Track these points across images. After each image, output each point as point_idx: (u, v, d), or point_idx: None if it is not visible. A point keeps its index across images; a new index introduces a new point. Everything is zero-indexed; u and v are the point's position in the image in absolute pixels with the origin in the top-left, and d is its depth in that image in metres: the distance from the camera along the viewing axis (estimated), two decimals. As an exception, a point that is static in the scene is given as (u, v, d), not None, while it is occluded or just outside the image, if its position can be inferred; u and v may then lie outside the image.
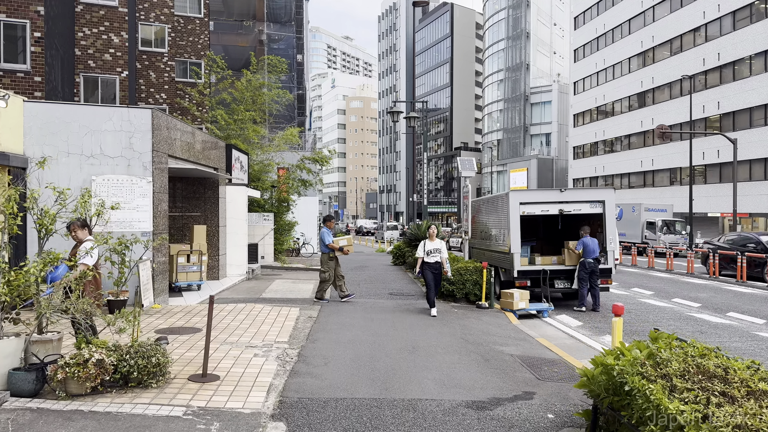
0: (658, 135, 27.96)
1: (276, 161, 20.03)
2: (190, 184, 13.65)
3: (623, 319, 10.83)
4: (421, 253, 10.05)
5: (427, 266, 9.96)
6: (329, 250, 10.93)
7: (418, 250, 10.14)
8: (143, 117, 9.68)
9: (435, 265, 9.98)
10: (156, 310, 9.43)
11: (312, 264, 19.89)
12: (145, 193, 9.70)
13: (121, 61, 15.62)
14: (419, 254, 10.10)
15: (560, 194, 11.56)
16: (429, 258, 9.95)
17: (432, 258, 9.95)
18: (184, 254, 11.90)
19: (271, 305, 10.27)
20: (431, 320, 9.22)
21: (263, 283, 13.93)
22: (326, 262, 10.99)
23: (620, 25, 50.22)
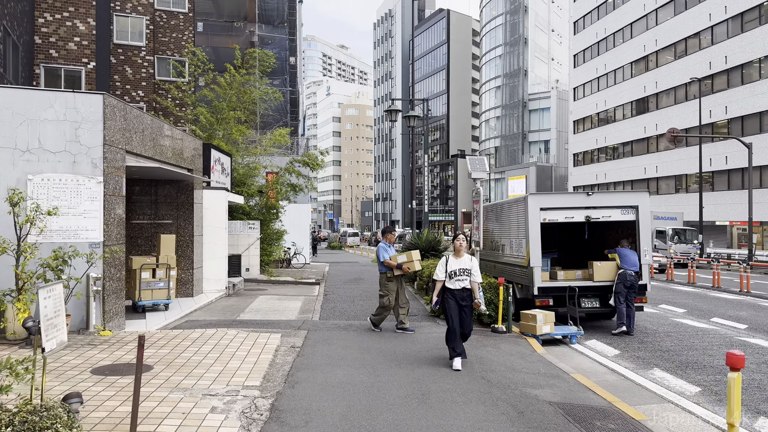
0: (669, 139, 26.50)
1: (263, 164, 18.37)
2: (160, 188, 11.98)
3: (668, 346, 9.27)
4: (442, 274, 7.04)
5: (450, 295, 6.96)
6: (385, 269, 8.95)
7: (437, 270, 7.14)
8: (92, 104, 8.02)
9: (462, 293, 6.96)
10: (104, 338, 7.72)
11: (302, 276, 18.20)
12: (94, 195, 8.01)
13: (87, 51, 13.98)
14: (438, 276, 7.09)
15: (587, 198, 9.95)
16: (453, 283, 6.95)
17: (458, 283, 6.95)
18: (148, 268, 10.21)
19: (247, 330, 8.57)
20: (441, 351, 7.55)
21: (244, 301, 12.22)
22: (384, 283, 8.97)
23: (622, 29, 48.99)
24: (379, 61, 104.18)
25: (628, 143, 48.05)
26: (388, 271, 8.89)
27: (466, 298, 6.95)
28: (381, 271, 9.07)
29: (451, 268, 6.97)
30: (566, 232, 11.72)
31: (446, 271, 6.99)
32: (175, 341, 7.62)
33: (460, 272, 6.95)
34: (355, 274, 20.52)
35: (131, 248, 11.72)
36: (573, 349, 8.69)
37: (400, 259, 8.91)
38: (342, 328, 9.10)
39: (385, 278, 8.96)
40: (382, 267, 9.00)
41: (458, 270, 6.95)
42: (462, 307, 6.94)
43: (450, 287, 6.97)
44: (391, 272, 8.88)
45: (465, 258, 7.07)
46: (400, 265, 8.83)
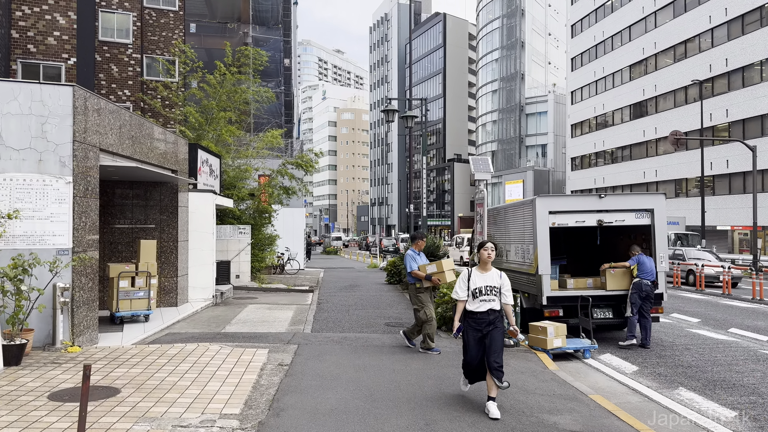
0: (672, 142, 25.88)
1: (255, 167, 17.63)
2: (142, 190, 11.24)
3: (689, 361, 8.49)
4: (463, 292, 5.49)
5: (472, 319, 5.43)
6: (414, 279, 8.00)
7: (458, 288, 5.57)
8: (61, 97, 7.30)
9: (487, 316, 5.37)
10: (71, 355, 6.97)
11: (296, 283, 17.46)
12: (62, 197, 7.28)
13: (68, 46, 13.24)
14: (459, 295, 5.53)
15: (599, 201, 9.27)
16: (477, 303, 5.40)
17: (483, 304, 5.38)
18: (127, 276, 9.47)
19: (232, 345, 7.84)
20: (446, 369, 6.83)
21: (231, 311, 11.48)
22: (415, 296, 8.00)
23: (620, 32, 48.55)
24: (375, 65, 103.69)
25: (627, 147, 47.53)
26: (417, 282, 7.96)
27: (493, 320, 5.39)
28: (410, 282, 8.13)
29: (476, 285, 5.41)
30: (575, 237, 11.03)
31: (468, 289, 5.45)
32: (151, 358, 6.88)
33: (487, 290, 5.39)
34: (350, 281, 19.80)
35: (111, 255, 10.99)
36: (587, 364, 7.98)
37: (430, 269, 7.93)
38: (335, 341, 8.37)
39: (415, 290, 8.00)
40: (410, 278, 8.07)
41: (484, 288, 5.40)
42: (486, 334, 5.37)
43: (472, 309, 5.42)
44: (420, 283, 7.95)
45: (493, 273, 5.49)
46: (429, 276, 7.84)
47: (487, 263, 5.50)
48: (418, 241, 8.33)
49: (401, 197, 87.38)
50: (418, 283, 7.95)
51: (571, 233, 10.71)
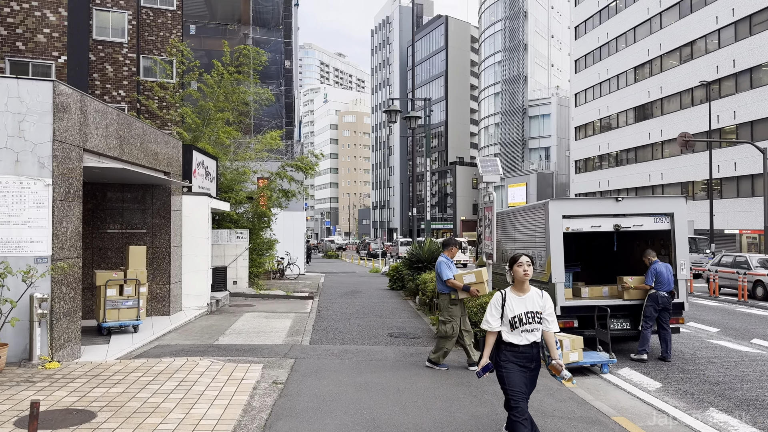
0: (681, 143, 25.31)
1: (253, 169, 17.10)
2: (133, 193, 10.72)
3: (716, 377, 7.84)
4: (496, 321, 4.28)
5: (513, 353, 4.24)
6: (448, 289, 7.32)
7: (488, 315, 4.33)
8: (40, 93, 6.78)
9: (531, 351, 4.26)
10: (49, 372, 6.43)
11: (295, 290, 16.92)
12: (40, 201, 6.75)
13: (58, 44, 12.75)
14: (491, 324, 4.29)
15: (616, 204, 8.72)
16: (517, 335, 4.23)
17: (525, 335, 4.23)
18: (115, 285, 8.93)
19: (224, 360, 7.29)
20: (455, 389, 6.28)
21: (226, 320, 10.93)
22: (446, 307, 7.33)
23: (624, 34, 48.04)
24: (377, 68, 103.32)
25: (631, 149, 46.96)
26: (452, 292, 7.30)
27: (535, 357, 4.26)
28: (442, 291, 7.41)
29: (513, 313, 4.17)
30: (587, 242, 10.48)
31: (503, 317, 4.22)
32: (134, 375, 6.33)
33: (529, 318, 4.16)
34: (351, 286, 19.26)
35: (101, 261, 10.47)
36: (606, 380, 7.42)
37: (467, 279, 7.20)
38: (335, 355, 7.82)
39: (448, 301, 7.33)
40: (443, 287, 7.37)
41: (525, 314, 4.16)
42: (527, 371, 4.26)
43: (511, 341, 4.20)
44: (455, 293, 7.28)
45: (532, 294, 4.26)
46: (467, 286, 7.14)
47: (524, 282, 4.24)
48: (451, 247, 7.64)
49: (403, 200, 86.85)
50: (453, 294, 7.29)
51: (583, 238, 10.17)
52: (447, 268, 7.34)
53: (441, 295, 7.51)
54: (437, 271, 7.45)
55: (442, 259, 7.49)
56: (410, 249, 16.08)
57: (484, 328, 4.33)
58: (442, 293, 7.46)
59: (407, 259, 16.07)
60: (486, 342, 4.34)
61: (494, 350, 4.32)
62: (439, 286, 7.51)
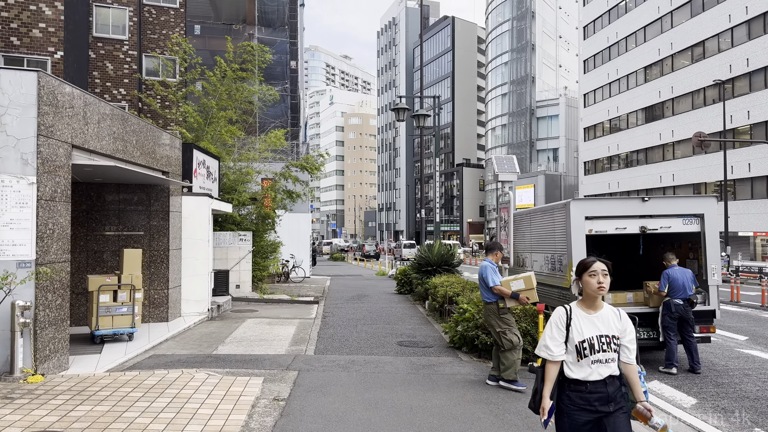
0: (696, 143, 24.64)
1: (257, 170, 16.60)
2: (130, 193, 10.23)
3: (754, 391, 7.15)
4: (558, 347, 3.16)
5: (578, 394, 3.12)
6: (495, 297, 6.64)
7: (548, 338, 3.20)
8: (24, 84, 6.29)
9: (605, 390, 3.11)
10: (31, 387, 5.92)
11: (300, 294, 16.39)
12: (23, 201, 6.26)
13: (54, 39, 12.30)
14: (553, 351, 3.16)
15: (642, 205, 8.15)
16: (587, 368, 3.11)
17: (596, 368, 3.10)
18: (108, 290, 8.43)
19: (222, 372, 6.77)
20: (474, 407, 5.72)
21: (227, 327, 10.41)
22: (496, 317, 6.61)
23: (634, 33, 47.34)
24: (383, 70, 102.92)
25: (642, 150, 46.22)
26: (500, 300, 6.63)
27: (614, 395, 3.11)
28: (488, 300, 6.71)
29: (582, 336, 3.12)
30: (608, 245, 9.89)
31: (568, 342, 3.15)
32: (124, 390, 5.81)
33: (603, 344, 3.09)
34: (358, 290, 18.72)
35: (96, 265, 9.99)
36: (635, 395, 6.83)
37: (516, 285, 6.57)
38: (342, 366, 7.27)
39: (497, 310, 6.63)
40: (489, 295, 6.67)
41: (597, 340, 3.10)
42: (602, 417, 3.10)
43: (576, 377, 3.12)
44: (503, 301, 6.61)
45: (606, 312, 3.18)
46: (516, 294, 6.51)
47: (596, 298, 3.13)
48: (496, 251, 6.97)
49: (409, 202, 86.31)
50: (501, 302, 6.61)
51: (604, 240, 9.59)
52: (494, 273, 6.65)
53: (487, 305, 6.74)
54: (482, 277, 6.73)
55: (486, 263, 6.79)
56: (418, 252, 15.52)
57: (542, 355, 3.16)
58: (488, 302, 6.72)
59: (415, 263, 15.52)
60: (546, 375, 3.16)
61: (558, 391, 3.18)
62: (484, 295, 6.76)
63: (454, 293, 10.67)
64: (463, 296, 9.83)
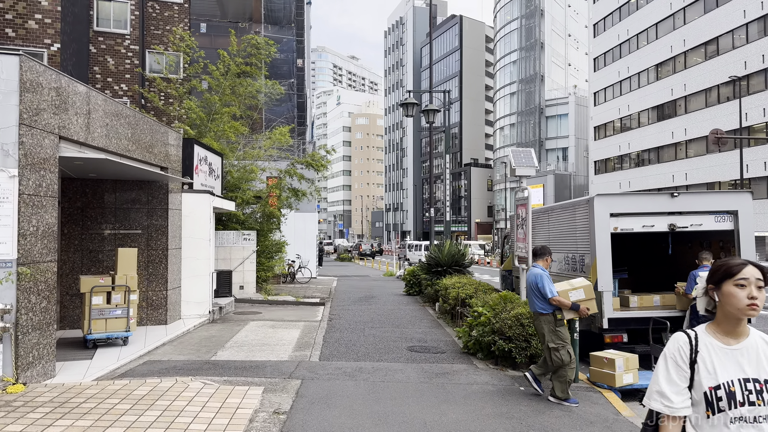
0: (713, 141, 24.01)
1: (261, 167, 16.11)
2: (126, 190, 9.77)
3: None
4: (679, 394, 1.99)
5: None
6: (552, 308, 6.01)
7: (662, 379, 2.02)
8: (4, 69, 5.82)
9: None
10: (10, 397, 5.44)
11: (305, 295, 15.90)
12: (4, 195, 5.78)
13: (51, 31, 11.87)
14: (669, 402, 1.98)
15: (671, 201, 7.59)
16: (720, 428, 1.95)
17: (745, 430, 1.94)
18: (102, 292, 7.96)
19: (219, 380, 6.27)
20: (494, 422, 5.18)
21: (229, 330, 9.92)
22: (551, 330, 5.98)
23: (646, 30, 46.56)
24: (390, 69, 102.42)
25: (654, 149, 45.46)
26: (557, 310, 6.00)
27: None
28: (542, 311, 6.04)
29: (716, 380, 1.99)
30: (632, 244, 9.32)
31: (693, 386, 2.01)
32: (110, 402, 5.32)
33: (749, 392, 1.96)
34: (365, 291, 18.21)
35: (91, 265, 9.53)
36: (667, 407, 6.27)
37: (575, 295, 5.99)
38: (348, 375, 6.75)
39: (553, 322, 5.98)
40: (544, 305, 6.01)
41: (740, 384, 1.98)
42: None
43: None
44: (560, 313, 6.00)
45: (754, 341, 2.06)
46: (576, 305, 5.94)
47: (740, 321, 2.05)
48: (546, 256, 6.37)
49: (416, 203, 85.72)
50: (559, 314, 6.00)
51: (627, 238, 9.02)
52: (550, 281, 6.04)
53: (540, 316, 6.09)
54: (534, 286, 6.09)
55: (538, 270, 6.17)
56: (428, 252, 14.98)
57: (655, 407, 2.03)
58: (541, 313, 6.07)
59: (425, 263, 14.98)
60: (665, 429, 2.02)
61: None
62: (537, 305, 6.11)
63: (466, 295, 10.14)
64: (476, 298, 9.30)
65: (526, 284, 6.30)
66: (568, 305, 5.95)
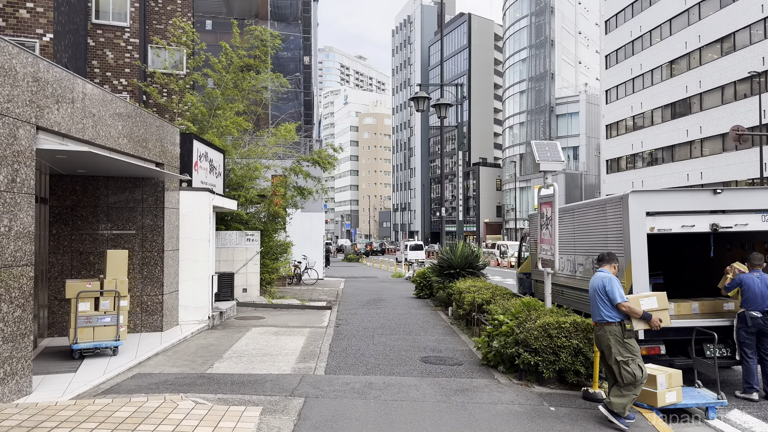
0: (734, 138, 23.18)
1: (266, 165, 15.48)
2: (119, 188, 9.14)
3: None
4: None
5: None
6: (620, 316, 5.39)
7: None
8: (-28, 49, 5.19)
9: None
10: (-27, 420, 4.80)
11: (311, 298, 15.25)
12: (-30, 190, 5.15)
13: (43, 20, 11.28)
14: None
15: (713, 198, 6.86)
16: None
17: None
18: (89, 297, 7.32)
19: (213, 398, 5.60)
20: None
21: (229, 337, 9.27)
22: (618, 341, 5.34)
23: (659, 26, 45.59)
24: (398, 68, 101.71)
25: (668, 148, 44.48)
26: (625, 320, 5.39)
27: None
28: (610, 319, 5.40)
29: None
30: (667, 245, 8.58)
31: None
32: (85, 428, 4.66)
33: None
34: (373, 293, 17.54)
35: (81, 268, 8.91)
36: (714, 429, 5.56)
37: (647, 303, 5.40)
38: (357, 392, 6.07)
39: (621, 333, 5.35)
40: (612, 313, 5.39)
41: None
42: None
43: None
44: (629, 322, 5.37)
45: None
46: (648, 314, 5.33)
47: None
48: (614, 263, 5.76)
49: (424, 202, 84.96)
50: (628, 323, 5.38)
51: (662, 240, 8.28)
52: (620, 285, 5.44)
53: (606, 326, 5.43)
54: (602, 289, 5.46)
55: (605, 274, 5.57)
56: (440, 253, 14.29)
57: None
58: (607, 322, 5.42)
59: (437, 265, 14.29)
60: None
61: None
62: (603, 312, 5.45)
63: (483, 300, 9.45)
64: (495, 304, 8.60)
65: (592, 291, 5.60)
66: (640, 314, 5.30)
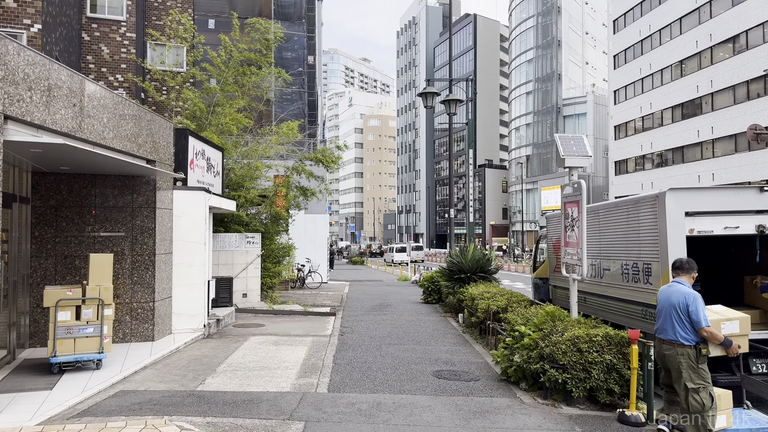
0: (752, 137, 22.35)
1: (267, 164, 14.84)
2: (108, 187, 8.51)
3: None
4: None
5: None
6: (696, 339, 4.79)
7: None
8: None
9: None
10: None
11: (314, 303, 14.58)
12: None
13: (30, 10, 10.69)
14: None
15: (760, 196, 6.18)
16: None
17: None
18: (70, 306, 6.68)
19: (200, 423, 4.94)
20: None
21: (224, 348, 8.60)
22: (690, 366, 4.78)
23: (669, 25, 44.81)
24: (403, 70, 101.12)
25: (678, 149, 43.67)
26: (701, 343, 4.79)
27: None
28: (685, 341, 4.79)
29: None
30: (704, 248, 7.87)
31: None
32: (50, 460, 4.01)
33: None
34: (379, 297, 16.86)
35: (66, 273, 8.28)
36: (776, 462, 4.87)
37: (728, 328, 4.84)
38: (364, 414, 5.40)
39: (695, 357, 4.78)
40: (688, 335, 4.79)
41: None
42: None
43: None
44: (705, 347, 4.79)
45: None
46: (729, 340, 4.76)
47: None
48: (692, 272, 5.05)
49: (429, 205, 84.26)
50: (704, 347, 4.79)
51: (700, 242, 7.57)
52: (703, 306, 4.77)
53: (680, 347, 4.82)
54: (684, 309, 4.78)
55: (687, 290, 4.86)
56: (450, 257, 13.60)
57: None
58: (683, 344, 4.81)
59: (446, 269, 13.60)
60: None
61: None
62: (680, 333, 4.81)
63: (498, 308, 8.76)
64: (513, 312, 7.93)
65: (667, 305, 4.89)
66: (721, 339, 4.71)
